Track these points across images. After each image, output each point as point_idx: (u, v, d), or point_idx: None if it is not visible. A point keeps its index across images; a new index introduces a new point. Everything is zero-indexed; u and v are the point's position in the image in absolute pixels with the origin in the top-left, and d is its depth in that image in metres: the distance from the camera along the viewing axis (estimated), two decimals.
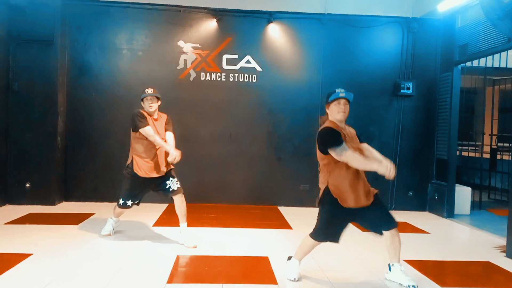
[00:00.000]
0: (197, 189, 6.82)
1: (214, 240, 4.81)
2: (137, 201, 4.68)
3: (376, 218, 3.50)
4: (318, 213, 3.49)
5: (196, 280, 3.55)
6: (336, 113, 3.43)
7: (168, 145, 4.45)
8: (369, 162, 3.24)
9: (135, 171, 4.46)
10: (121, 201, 4.56)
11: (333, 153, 3.26)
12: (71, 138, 6.71)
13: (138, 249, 4.36)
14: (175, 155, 4.38)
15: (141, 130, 4.39)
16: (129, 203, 4.57)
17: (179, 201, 4.58)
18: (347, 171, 3.35)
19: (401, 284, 3.55)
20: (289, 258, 3.76)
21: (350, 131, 3.59)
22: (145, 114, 4.48)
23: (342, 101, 3.41)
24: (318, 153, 3.46)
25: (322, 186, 3.47)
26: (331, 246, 3.75)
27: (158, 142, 4.39)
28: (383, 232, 3.52)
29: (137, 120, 4.41)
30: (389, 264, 3.68)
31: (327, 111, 3.52)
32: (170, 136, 4.62)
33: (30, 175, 6.37)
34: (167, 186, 4.53)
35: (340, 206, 3.35)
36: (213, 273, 3.73)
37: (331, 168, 3.38)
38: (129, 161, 4.56)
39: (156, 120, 4.57)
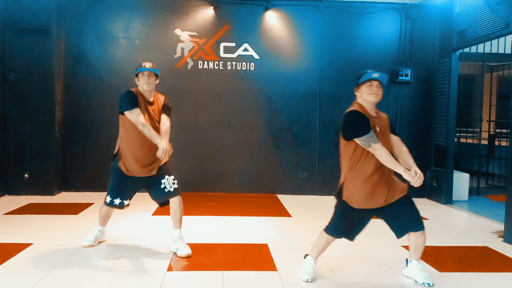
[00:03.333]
0: (196, 178, 6.84)
1: (213, 228, 4.84)
2: (127, 202, 3.95)
3: (401, 218, 3.23)
4: (334, 206, 3.30)
5: (196, 267, 3.57)
6: (368, 95, 3.10)
7: (157, 136, 3.61)
8: (396, 164, 2.97)
9: (120, 166, 3.78)
10: (108, 199, 3.88)
11: (358, 141, 3.01)
12: (68, 128, 6.69)
13: (138, 238, 4.38)
14: (163, 149, 3.52)
15: (127, 113, 3.62)
16: (117, 201, 3.86)
17: (176, 204, 3.88)
18: (370, 163, 3.08)
19: (417, 281, 3.35)
20: (305, 256, 3.45)
21: (382, 117, 3.29)
22: (138, 94, 3.73)
23: (375, 83, 3.11)
24: (341, 140, 3.16)
25: (341, 178, 3.22)
26: (340, 245, 3.69)
27: (147, 132, 3.57)
28: (409, 233, 3.26)
29: (124, 100, 3.63)
30: (406, 259, 3.49)
31: (357, 94, 3.21)
32: (165, 121, 3.81)
33: (28, 165, 6.37)
34: (162, 186, 3.83)
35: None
36: (213, 260, 3.76)
37: (353, 159, 3.11)
38: (115, 151, 3.88)
39: (151, 103, 3.80)
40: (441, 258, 4.08)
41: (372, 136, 3.00)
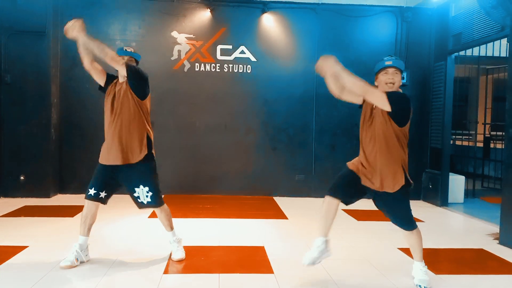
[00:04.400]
0: (193, 180, 6.83)
1: (210, 231, 4.83)
2: (103, 194, 3.60)
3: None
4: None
5: (192, 270, 3.56)
6: (384, 85, 3.06)
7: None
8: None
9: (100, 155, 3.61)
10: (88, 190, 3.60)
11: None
12: (65, 130, 6.68)
13: (134, 241, 4.37)
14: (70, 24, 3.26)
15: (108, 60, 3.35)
16: (92, 191, 3.57)
17: (158, 213, 3.74)
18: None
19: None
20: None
21: None
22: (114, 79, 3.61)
23: (391, 70, 3.06)
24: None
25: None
26: (338, 248, 3.85)
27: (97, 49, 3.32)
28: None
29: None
30: None
31: (376, 83, 3.17)
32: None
33: (24, 167, 6.34)
34: (136, 195, 3.62)
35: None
36: (210, 263, 3.75)
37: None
38: None
39: (120, 83, 3.57)
40: (437, 260, 4.09)
41: None
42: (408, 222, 3.26)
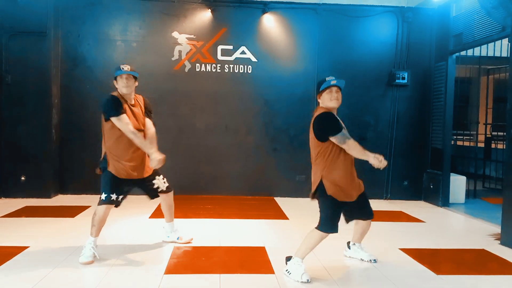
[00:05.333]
0: (193, 180, 6.84)
1: (210, 231, 4.83)
2: (121, 198, 3.82)
3: (360, 209, 3.61)
4: (320, 206, 3.45)
5: (193, 270, 3.57)
6: (329, 101, 3.39)
7: (148, 144, 3.68)
8: (365, 152, 3.26)
9: (110, 170, 3.70)
10: (103, 196, 3.69)
11: (334, 139, 3.27)
12: (65, 130, 6.68)
13: (135, 241, 4.37)
14: (157, 160, 3.60)
15: (114, 120, 3.55)
16: (114, 197, 3.69)
17: (171, 199, 4.13)
18: (344, 161, 3.37)
19: (363, 259, 3.86)
20: (288, 258, 3.52)
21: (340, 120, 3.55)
22: (120, 98, 3.68)
23: (334, 88, 3.38)
24: (313, 141, 3.40)
25: (316, 179, 3.42)
26: (338, 247, 3.96)
27: (138, 141, 3.60)
28: (360, 220, 3.73)
29: (110, 106, 3.57)
30: (348, 243, 3.99)
31: (319, 100, 3.49)
32: (150, 126, 3.87)
33: (25, 168, 6.35)
34: (155, 186, 3.99)
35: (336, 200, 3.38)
36: (210, 263, 3.75)
37: (328, 158, 3.34)
38: (101, 158, 3.78)
39: (133, 106, 3.77)
40: (438, 260, 4.09)
41: (345, 133, 3.31)
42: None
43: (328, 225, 3.38)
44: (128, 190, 3.91)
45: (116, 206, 3.80)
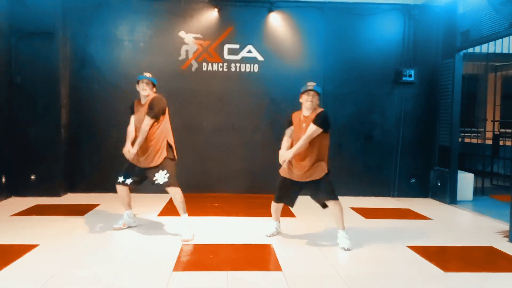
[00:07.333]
0: (201, 179, 6.87)
1: (218, 229, 4.86)
2: (129, 181, 4.52)
3: (312, 194, 4.49)
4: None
5: (201, 268, 3.60)
6: (305, 101, 4.25)
7: (128, 139, 4.44)
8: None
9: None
10: (118, 178, 4.54)
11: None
12: (74, 130, 6.74)
13: (144, 239, 4.41)
14: (124, 151, 4.38)
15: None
16: (121, 179, 4.50)
17: (171, 194, 4.45)
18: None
19: (339, 245, 4.21)
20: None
21: (311, 116, 4.31)
22: (136, 101, 4.54)
23: (311, 92, 4.19)
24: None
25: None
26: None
27: (127, 134, 4.48)
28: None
29: (129, 107, 4.61)
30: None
31: (300, 100, 4.31)
32: (145, 122, 4.35)
33: (35, 167, 6.42)
34: (154, 178, 4.41)
35: None
36: (218, 260, 3.78)
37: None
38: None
39: (142, 105, 4.45)
40: (445, 258, 4.09)
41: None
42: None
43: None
44: (138, 175, 4.53)
45: (125, 186, 4.54)
